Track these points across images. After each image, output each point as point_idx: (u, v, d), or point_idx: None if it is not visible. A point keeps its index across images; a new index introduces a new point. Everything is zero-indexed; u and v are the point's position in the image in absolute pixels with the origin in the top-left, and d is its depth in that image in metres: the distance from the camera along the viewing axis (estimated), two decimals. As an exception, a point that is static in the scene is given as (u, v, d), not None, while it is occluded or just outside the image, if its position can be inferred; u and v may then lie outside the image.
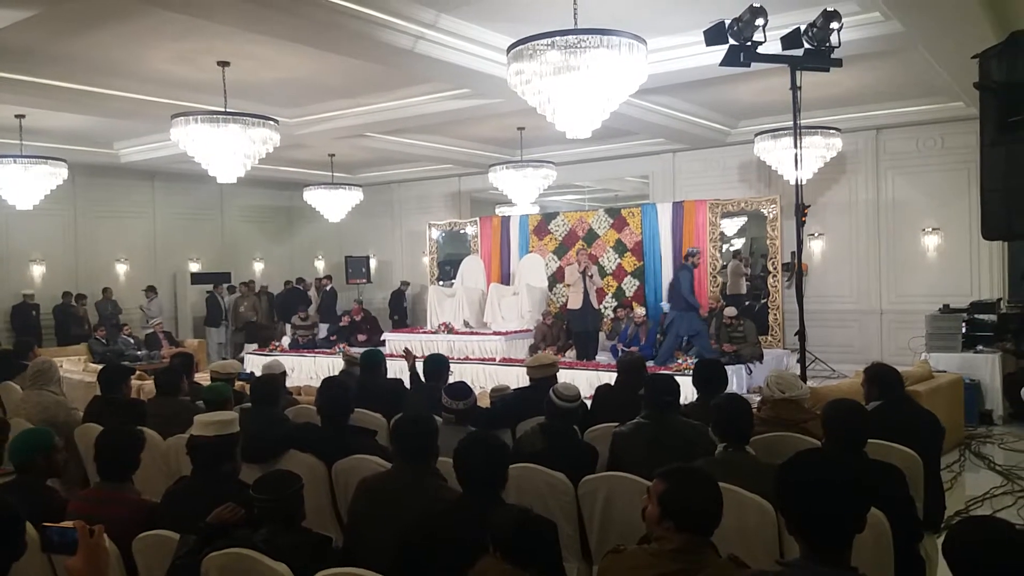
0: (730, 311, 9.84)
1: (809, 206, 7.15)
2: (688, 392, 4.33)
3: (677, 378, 4.01)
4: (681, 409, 3.95)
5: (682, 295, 9.99)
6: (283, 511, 2.64)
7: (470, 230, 13.80)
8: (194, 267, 15.42)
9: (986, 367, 8.07)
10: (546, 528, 2.47)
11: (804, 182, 6.97)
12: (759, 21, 5.49)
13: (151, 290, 13.77)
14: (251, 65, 8.00)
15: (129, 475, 3.15)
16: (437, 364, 5.40)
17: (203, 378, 6.78)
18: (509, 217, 13.41)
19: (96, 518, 2.59)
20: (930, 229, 10.97)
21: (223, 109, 7.63)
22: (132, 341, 12.09)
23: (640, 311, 10.61)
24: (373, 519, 2.98)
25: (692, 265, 10.25)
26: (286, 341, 13.06)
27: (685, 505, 2.18)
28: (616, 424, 3.95)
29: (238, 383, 5.76)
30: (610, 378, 7.53)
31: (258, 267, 16.77)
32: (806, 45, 5.74)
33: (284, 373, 6.04)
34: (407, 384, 5.70)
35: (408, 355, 6.09)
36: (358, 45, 6.80)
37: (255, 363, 11.38)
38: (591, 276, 10.47)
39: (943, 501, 4.05)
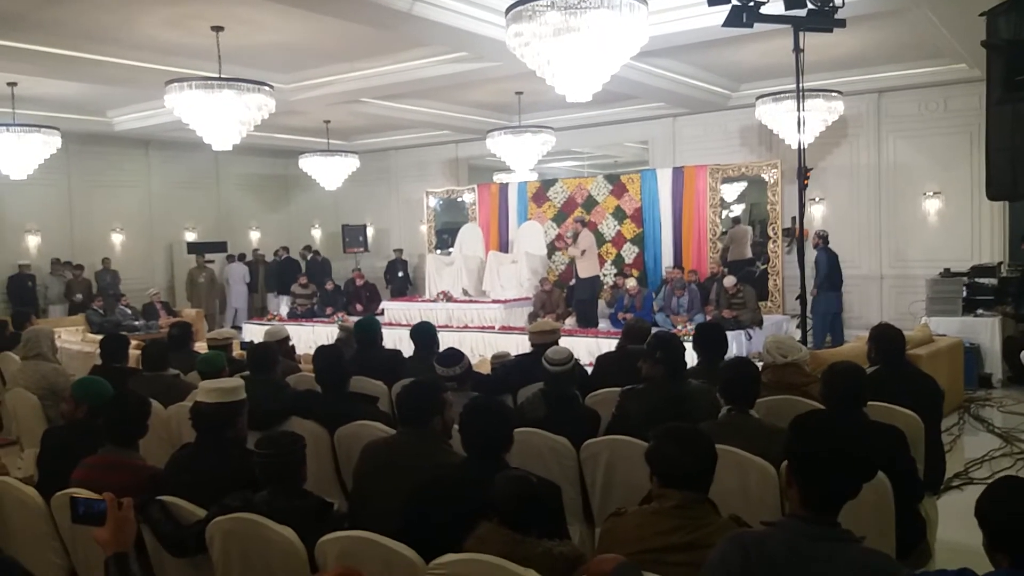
0: (729, 281, 9.81)
1: (811, 170, 7.10)
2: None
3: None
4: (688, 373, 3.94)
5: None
6: (284, 470, 2.62)
7: (468, 198, 13.70)
8: (190, 236, 15.33)
9: (986, 331, 8.10)
10: (549, 493, 2.47)
11: (806, 146, 6.91)
12: (762, -20, 5.40)
13: (67, 265, 13.16)
14: (245, 30, 7.86)
15: (137, 441, 3.16)
16: (427, 334, 5.35)
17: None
18: (507, 184, 13.31)
19: (101, 484, 2.60)
20: (931, 193, 10.90)
21: (217, 75, 7.52)
22: (130, 311, 12.06)
23: (632, 283, 10.56)
24: (378, 484, 2.98)
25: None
26: (284, 310, 13.03)
27: (668, 461, 2.22)
28: (618, 388, 3.95)
29: (239, 352, 5.75)
30: (609, 346, 7.57)
31: (254, 236, 16.67)
32: (809, 5, 5.65)
33: (287, 338, 6.00)
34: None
35: None
36: (352, 7, 6.68)
37: (254, 332, 11.38)
38: (565, 247, 10.51)
39: (943, 463, 4.06)
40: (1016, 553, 1.72)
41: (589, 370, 5.16)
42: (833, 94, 9.56)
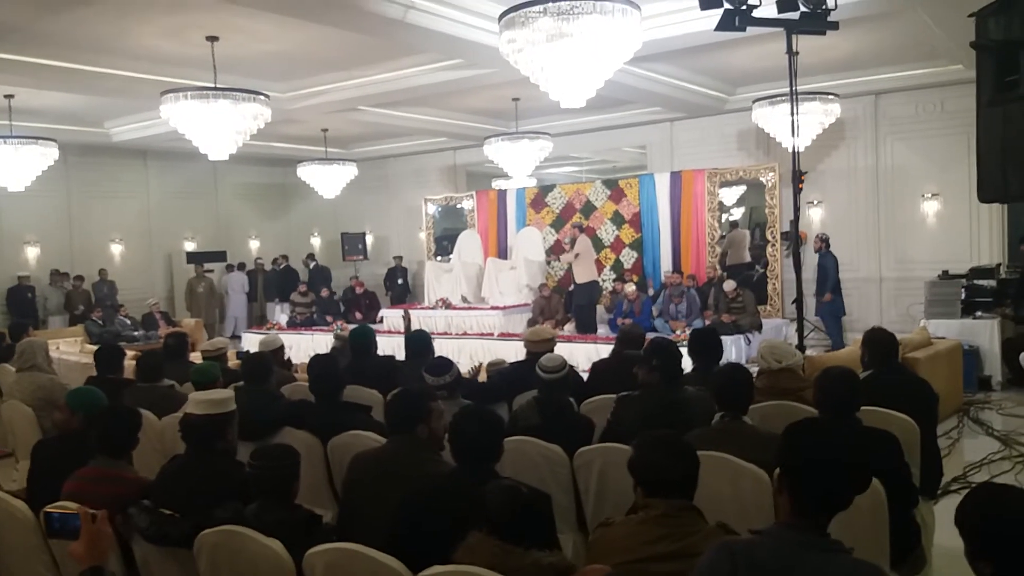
0: (729, 285, 9.81)
1: (806, 173, 7.10)
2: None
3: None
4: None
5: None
6: (276, 483, 2.61)
7: (466, 204, 13.70)
8: (189, 246, 15.34)
9: (985, 333, 8.06)
10: (539, 503, 2.45)
11: (803, 149, 6.91)
12: (754, -16, 5.39)
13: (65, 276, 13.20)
14: (240, 39, 7.87)
15: (128, 453, 3.15)
16: (421, 342, 5.34)
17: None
18: (506, 190, 13.31)
19: (91, 496, 2.59)
20: (929, 195, 10.88)
21: (213, 85, 7.53)
22: (129, 322, 12.06)
23: (630, 288, 10.54)
24: (368, 494, 2.96)
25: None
26: (283, 319, 13.02)
27: (651, 470, 2.22)
28: (613, 395, 3.93)
29: (235, 362, 5.74)
30: (608, 351, 7.54)
31: (254, 245, 16.69)
32: (802, 8, 5.63)
33: (282, 347, 5.99)
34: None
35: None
36: (346, 16, 6.68)
37: (253, 341, 11.36)
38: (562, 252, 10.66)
39: (940, 468, 4.03)
40: (999, 560, 1.70)
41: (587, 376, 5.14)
42: (829, 97, 9.55)
